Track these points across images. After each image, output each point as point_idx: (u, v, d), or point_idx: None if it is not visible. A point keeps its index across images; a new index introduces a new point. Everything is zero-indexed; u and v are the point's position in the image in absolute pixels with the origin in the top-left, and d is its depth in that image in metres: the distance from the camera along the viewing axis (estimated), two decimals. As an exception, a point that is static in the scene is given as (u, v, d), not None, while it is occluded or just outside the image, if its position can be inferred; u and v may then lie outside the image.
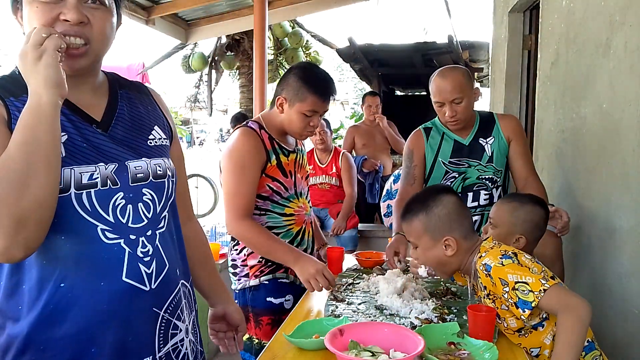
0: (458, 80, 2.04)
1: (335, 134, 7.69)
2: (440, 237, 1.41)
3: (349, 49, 6.00)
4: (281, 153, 1.90)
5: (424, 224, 1.43)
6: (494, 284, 1.30)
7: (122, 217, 0.98)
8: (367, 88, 7.76)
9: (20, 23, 1.00)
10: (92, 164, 0.96)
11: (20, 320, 0.93)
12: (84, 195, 0.94)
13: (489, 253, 1.35)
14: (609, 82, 1.98)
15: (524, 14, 3.53)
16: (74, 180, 0.94)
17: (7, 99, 0.94)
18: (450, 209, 1.42)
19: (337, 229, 3.79)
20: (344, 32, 19.92)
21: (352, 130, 4.77)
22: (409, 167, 2.22)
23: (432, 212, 1.43)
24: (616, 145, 1.92)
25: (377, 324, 1.33)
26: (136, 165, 1.03)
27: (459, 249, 1.41)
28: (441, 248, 1.42)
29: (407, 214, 1.49)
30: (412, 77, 7.38)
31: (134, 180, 1.01)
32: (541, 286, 1.23)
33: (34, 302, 0.92)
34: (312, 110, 1.84)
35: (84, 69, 1.00)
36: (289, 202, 1.93)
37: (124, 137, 1.05)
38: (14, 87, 0.95)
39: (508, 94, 3.65)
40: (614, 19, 1.95)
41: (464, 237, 1.42)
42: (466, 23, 17.62)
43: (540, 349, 1.34)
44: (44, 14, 0.93)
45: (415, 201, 1.50)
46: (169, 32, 5.26)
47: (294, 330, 1.36)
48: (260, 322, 1.88)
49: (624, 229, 1.86)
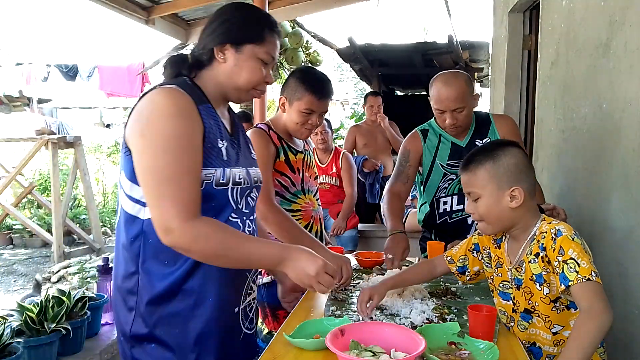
0: (461, 90, 2.02)
1: (336, 134, 7.68)
2: (507, 187, 1.36)
3: (349, 49, 6.01)
4: (289, 151, 2.04)
5: (491, 173, 1.37)
6: (553, 249, 1.30)
7: (241, 205, 1.35)
8: (367, 88, 7.76)
9: (220, 57, 1.32)
10: (238, 167, 1.33)
11: (170, 273, 1.24)
12: (235, 190, 1.32)
13: (562, 223, 1.33)
14: (609, 82, 1.99)
15: (524, 14, 3.53)
16: (231, 178, 1.30)
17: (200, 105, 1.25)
18: (518, 160, 1.38)
19: (337, 229, 3.79)
20: (344, 32, 19.90)
21: (353, 130, 4.78)
22: (404, 166, 2.24)
23: (500, 161, 1.37)
24: (616, 145, 1.92)
25: (377, 323, 1.33)
26: (252, 171, 1.41)
27: (524, 203, 1.36)
28: (506, 199, 1.36)
29: (471, 164, 1.42)
30: (412, 77, 7.39)
31: (251, 182, 1.39)
32: (588, 274, 1.22)
33: (184, 260, 1.24)
34: (309, 108, 1.96)
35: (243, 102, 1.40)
36: (297, 198, 2.06)
37: (242, 148, 1.41)
38: (197, 96, 1.27)
39: (508, 94, 3.65)
40: (614, 19, 1.95)
41: (529, 193, 1.37)
42: (466, 23, 17.63)
43: (563, 328, 1.35)
44: (259, 73, 1.34)
45: (480, 152, 1.44)
46: (169, 32, 5.26)
47: (294, 331, 1.36)
48: (277, 316, 2.00)
49: (624, 229, 1.87)
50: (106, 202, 8.99)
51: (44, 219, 7.20)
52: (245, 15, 1.35)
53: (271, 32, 1.35)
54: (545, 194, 2.24)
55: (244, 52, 1.32)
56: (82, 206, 7.66)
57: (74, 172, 6.68)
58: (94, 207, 6.78)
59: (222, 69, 1.33)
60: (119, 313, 1.31)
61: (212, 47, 1.32)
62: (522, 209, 1.38)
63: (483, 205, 1.40)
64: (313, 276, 1.25)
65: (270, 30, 1.35)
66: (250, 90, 1.36)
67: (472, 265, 1.59)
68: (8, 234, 7.26)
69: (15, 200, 6.99)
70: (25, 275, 5.77)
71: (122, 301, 1.28)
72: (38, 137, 6.28)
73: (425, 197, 2.28)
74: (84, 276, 4.76)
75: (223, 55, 1.32)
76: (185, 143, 1.19)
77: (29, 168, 7.74)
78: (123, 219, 1.28)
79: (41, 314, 1.67)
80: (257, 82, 1.35)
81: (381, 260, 2.09)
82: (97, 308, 1.94)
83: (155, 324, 1.25)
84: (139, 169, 1.20)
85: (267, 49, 1.33)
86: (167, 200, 1.16)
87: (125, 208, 1.27)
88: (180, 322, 1.26)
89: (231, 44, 1.31)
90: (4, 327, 1.51)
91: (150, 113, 1.19)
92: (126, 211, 1.26)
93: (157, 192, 1.17)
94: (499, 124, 2.18)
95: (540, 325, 1.38)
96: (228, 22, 1.33)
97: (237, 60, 1.32)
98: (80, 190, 7.39)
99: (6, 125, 8.68)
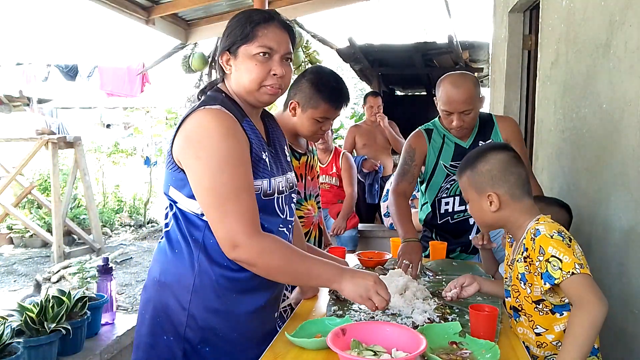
0: (470, 92, 2.02)
1: (336, 134, 7.68)
2: (483, 193, 1.44)
3: (349, 49, 6.00)
4: (293, 157, 1.96)
5: (470, 179, 1.48)
6: (534, 249, 1.31)
7: (285, 214, 1.42)
8: (367, 88, 7.75)
9: (224, 66, 1.36)
10: (278, 176, 1.39)
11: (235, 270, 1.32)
12: (280, 199, 1.40)
13: (547, 223, 1.35)
14: (609, 82, 1.99)
15: (524, 14, 3.53)
16: (277, 188, 1.37)
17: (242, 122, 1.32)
18: (492, 166, 1.45)
19: (337, 229, 3.79)
20: (344, 32, 19.90)
21: (353, 130, 4.78)
22: (409, 165, 2.21)
23: (476, 168, 1.47)
24: (616, 145, 1.92)
25: (379, 323, 1.33)
26: (289, 177, 1.47)
27: (505, 206, 1.42)
28: (486, 204, 1.44)
29: (460, 170, 1.55)
30: (412, 77, 7.38)
31: (290, 188, 1.46)
32: (572, 269, 1.23)
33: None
34: (324, 117, 1.89)
35: (270, 104, 1.43)
36: (300, 206, 2.00)
37: (280, 155, 1.47)
38: (237, 113, 1.33)
39: (508, 94, 3.65)
40: (614, 19, 1.96)
41: (510, 195, 1.42)
42: (466, 23, 17.62)
43: (546, 331, 1.36)
44: (258, 69, 1.31)
45: (466, 159, 1.55)
46: (169, 32, 5.25)
47: (296, 330, 1.36)
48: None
49: (624, 229, 1.87)
50: (106, 202, 8.98)
51: (44, 219, 7.19)
52: (236, 20, 1.36)
53: (261, 25, 1.32)
54: (545, 194, 2.24)
55: (239, 55, 1.33)
56: (82, 206, 7.65)
57: (74, 172, 6.68)
58: (94, 207, 6.77)
59: (232, 78, 1.37)
60: (167, 311, 1.34)
61: (217, 60, 1.38)
62: (506, 211, 1.43)
63: (471, 208, 1.53)
64: (372, 290, 1.28)
65: (259, 24, 1.32)
66: (259, 89, 1.34)
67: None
68: (8, 234, 7.25)
69: (15, 200, 6.99)
70: (25, 275, 5.77)
71: (176, 299, 1.33)
72: (38, 137, 6.27)
73: (427, 197, 2.28)
74: (84, 276, 4.76)
75: (228, 66, 1.36)
76: (238, 161, 1.26)
77: (29, 168, 7.73)
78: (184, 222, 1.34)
79: (41, 314, 1.67)
80: (260, 79, 1.32)
81: (383, 260, 2.09)
82: (97, 308, 1.94)
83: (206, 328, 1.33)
84: (199, 191, 1.26)
85: (259, 43, 1.31)
86: (231, 217, 1.23)
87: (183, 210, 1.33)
88: (230, 327, 1.35)
89: (228, 52, 1.35)
90: (4, 327, 1.51)
91: (201, 135, 1.25)
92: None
93: (220, 210, 1.23)
94: (502, 126, 2.18)
95: (527, 324, 1.40)
96: (225, 33, 1.36)
97: (236, 65, 1.34)
98: (80, 190, 7.38)
99: (6, 125, 8.66)
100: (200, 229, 1.31)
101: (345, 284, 1.29)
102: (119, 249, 6.85)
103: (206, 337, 1.32)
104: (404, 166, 2.22)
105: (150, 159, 9.66)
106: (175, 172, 1.32)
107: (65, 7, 24.28)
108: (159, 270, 1.37)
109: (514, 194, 1.42)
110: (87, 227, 7.10)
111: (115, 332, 2.00)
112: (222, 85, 1.40)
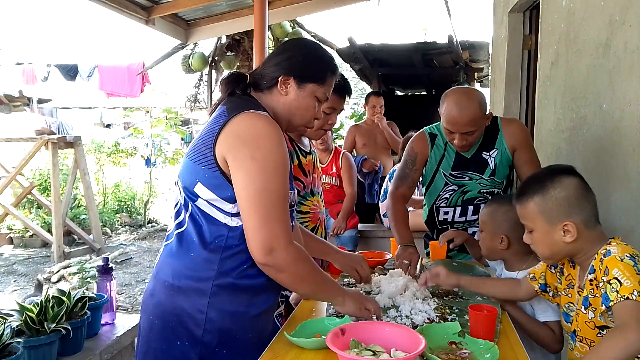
0: (474, 114, 1.93)
1: (336, 134, 7.68)
2: (558, 222, 1.29)
3: (349, 49, 6.00)
4: (300, 154, 2.02)
5: (540, 207, 1.32)
6: (600, 270, 1.23)
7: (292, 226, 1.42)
8: (367, 88, 7.76)
9: (283, 89, 1.39)
10: (293, 190, 1.43)
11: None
12: (293, 211, 1.45)
13: (620, 245, 1.25)
14: (609, 82, 1.98)
15: (524, 14, 3.53)
16: (295, 201, 1.47)
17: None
18: (570, 192, 1.30)
19: (337, 229, 3.79)
20: (344, 32, 19.89)
21: (353, 130, 4.78)
22: (410, 170, 2.18)
23: (548, 194, 1.31)
24: (616, 145, 1.92)
25: (378, 323, 1.33)
26: (294, 193, 1.48)
27: (580, 236, 1.28)
28: (559, 234, 1.30)
29: (522, 196, 1.37)
30: (412, 77, 7.38)
31: (295, 203, 1.50)
32: (629, 293, 1.13)
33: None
34: (332, 107, 1.90)
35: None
36: (305, 200, 2.06)
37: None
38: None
39: (508, 94, 3.65)
40: (614, 19, 1.95)
41: (585, 224, 1.29)
42: (466, 23, 17.60)
43: None
44: (313, 111, 1.43)
45: (531, 182, 1.38)
46: (169, 32, 5.25)
47: (295, 330, 1.36)
48: None
49: (624, 229, 1.87)
50: (106, 202, 8.98)
51: (44, 219, 7.20)
52: (313, 54, 1.45)
53: (332, 74, 1.45)
54: (546, 194, 2.23)
55: (305, 89, 1.40)
56: (82, 206, 7.65)
57: (74, 172, 6.68)
58: (94, 207, 6.78)
59: (282, 100, 1.40)
60: (181, 316, 1.31)
61: (276, 77, 1.39)
62: (580, 241, 1.30)
63: (536, 238, 1.36)
64: (365, 307, 1.43)
65: (332, 72, 1.45)
66: (301, 126, 1.46)
67: (551, 281, 1.49)
68: (8, 234, 7.25)
69: (15, 200, 6.99)
70: (25, 275, 5.77)
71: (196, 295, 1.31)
72: (38, 137, 6.28)
73: (427, 201, 2.27)
74: (84, 276, 4.76)
75: (285, 88, 1.40)
76: (287, 169, 1.30)
77: (29, 168, 7.74)
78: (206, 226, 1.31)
79: (41, 314, 1.67)
80: (309, 119, 1.45)
81: (384, 260, 2.09)
82: (97, 308, 1.94)
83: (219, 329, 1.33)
84: (248, 190, 1.25)
85: (325, 89, 1.43)
86: (275, 222, 1.25)
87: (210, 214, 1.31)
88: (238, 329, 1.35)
89: (294, 79, 1.39)
90: (4, 327, 1.51)
91: (257, 137, 1.27)
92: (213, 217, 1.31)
93: (264, 213, 1.24)
94: (508, 133, 2.09)
95: (584, 349, 1.31)
96: (295, 58, 1.41)
97: (297, 95, 1.40)
98: (80, 190, 7.38)
99: (6, 125, 8.67)
100: (223, 231, 1.30)
101: (348, 303, 1.41)
102: (119, 249, 6.85)
103: (223, 340, 1.31)
104: (405, 170, 2.20)
105: (150, 159, 9.67)
106: (211, 170, 1.28)
107: (65, 7, 24.30)
108: (171, 273, 1.32)
109: (589, 222, 1.30)
110: (87, 227, 7.11)
111: (115, 332, 2.01)
112: (258, 95, 1.41)
